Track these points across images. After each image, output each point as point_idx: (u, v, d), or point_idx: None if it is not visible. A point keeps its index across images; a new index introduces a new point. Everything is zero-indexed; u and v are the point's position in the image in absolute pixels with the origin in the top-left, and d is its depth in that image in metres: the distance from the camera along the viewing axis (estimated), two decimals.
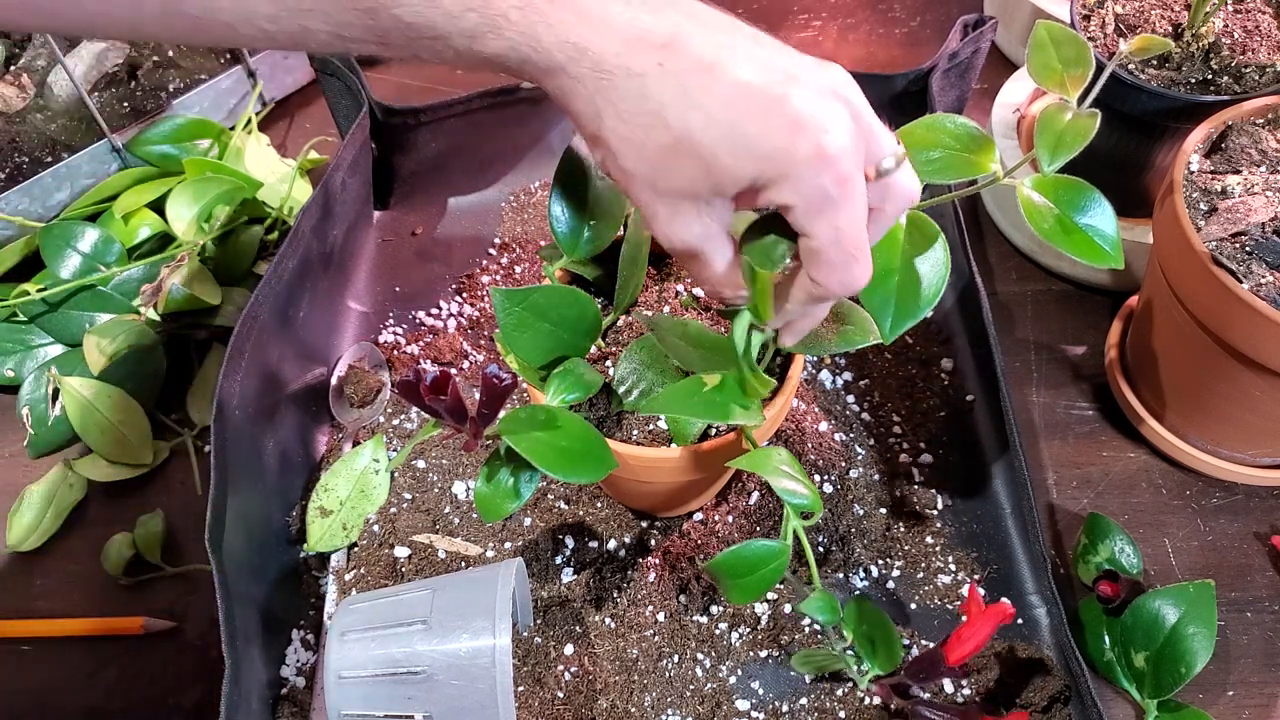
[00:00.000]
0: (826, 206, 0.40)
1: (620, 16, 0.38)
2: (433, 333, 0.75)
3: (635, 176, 0.41)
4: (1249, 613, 0.61)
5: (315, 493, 0.65)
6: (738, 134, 0.38)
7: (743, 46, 0.39)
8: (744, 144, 0.38)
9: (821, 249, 0.41)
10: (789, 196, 0.39)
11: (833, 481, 0.65)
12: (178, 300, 0.72)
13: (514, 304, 0.48)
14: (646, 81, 0.38)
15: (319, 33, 0.38)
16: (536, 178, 0.83)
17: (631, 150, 0.40)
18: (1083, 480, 0.67)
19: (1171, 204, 0.57)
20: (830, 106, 0.39)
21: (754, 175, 0.39)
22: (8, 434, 0.71)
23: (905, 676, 0.51)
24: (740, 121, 0.38)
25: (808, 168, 0.38)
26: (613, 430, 0.53)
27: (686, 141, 0.38)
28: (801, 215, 0.40)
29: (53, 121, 0.79)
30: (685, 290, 0.57)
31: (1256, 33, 0.65)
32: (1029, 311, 0.75)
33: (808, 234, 0.41)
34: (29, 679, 0.62)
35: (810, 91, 0.39)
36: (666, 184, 0.40)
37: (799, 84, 0.39)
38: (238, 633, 0.54)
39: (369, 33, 0.38)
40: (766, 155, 0.38)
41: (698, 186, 0.40)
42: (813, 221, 0.40)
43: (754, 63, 0.39)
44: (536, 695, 0.58)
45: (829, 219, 0.40)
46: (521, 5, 0.37)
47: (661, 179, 0.40)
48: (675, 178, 0.40)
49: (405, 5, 0.37)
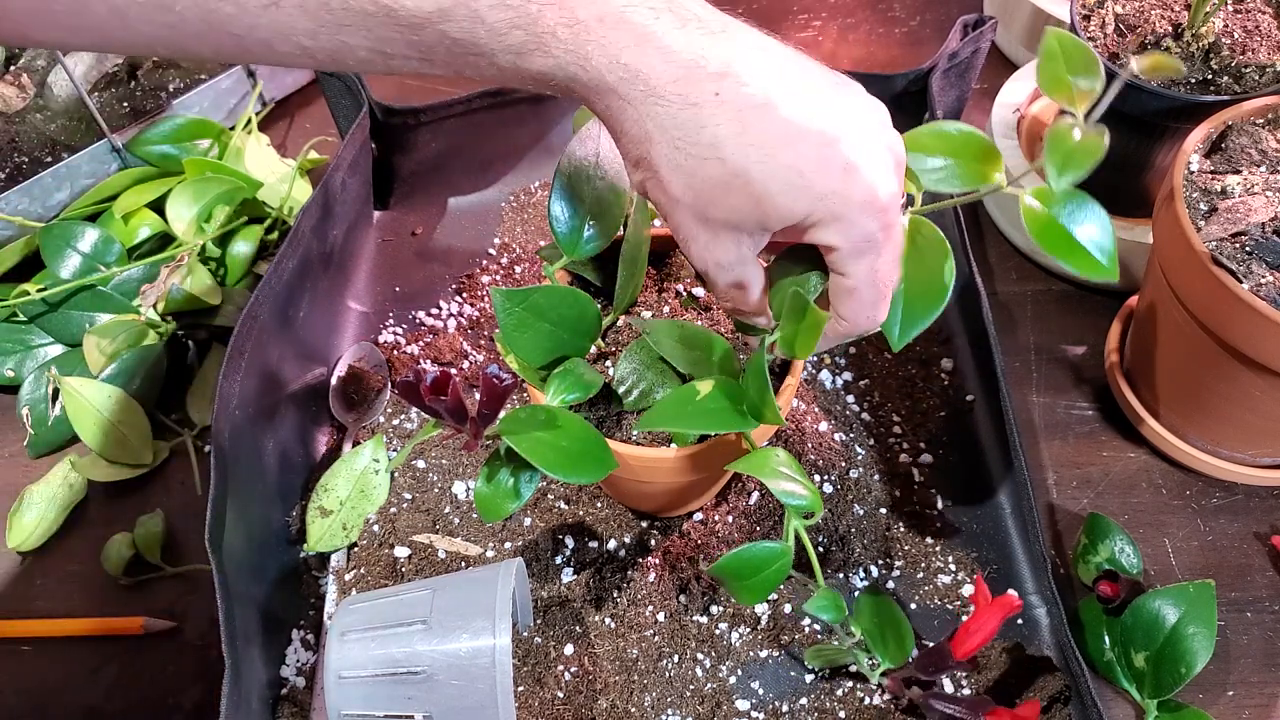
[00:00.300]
0: (869, 250, 0.40)
1: (678, 41, 0.38)
2: (433, 333, 0.75)
3: (680, 203, 0.41)
4: (1249, 613, 0.61)
5: (315, 493, 0.65)
6: (794, 175, 0.38)
7: (795, 79, 0.39)
8: (800, 185, 0.39)
9: (857, 288, 0.42)
10: (835, 239, 0.40)
11: (833, 481, 0.65)
12: (178, 300, 0.72)
13: (514, 304, 0.48)
14: (702, 112, 0.38)
15: (358, 49, 0.37)
16: (536, 178, 0.83)
17: (681, 178, 0.40)
18: (1083, 480, 0.67)
19: (1171, 204, 0.57)
20: (882, 153, 0.40)
21: (805, 215, 0.39)
22: (8, 434, 0.71)
23: (915, 670, 0.51)
24: (797, 163, 0.38)
25: (860, 213, 0.39)
26: (613, 430, 0.53)
27: (742, 177, 0.39)
28: (844, 256, 0.41)
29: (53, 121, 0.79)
30: (685, 290, 0.58)
31: (1256, 33, 0.65)
32: (1029, 311, 0.75)
33: (845, 274, 0.42)
34: (29, 679, 0.62)
35: (863, 137, 0.40)
36: (713, 214, 0.41)
37: (853, 128, 0.39)
38: (238, 633, 0.54)
39: (412, 48, 0.37)
40: (820, 198, 0.39)
41: (745, 220, 0.40)
42: (854, 263, 0.41)
43: (809, 100, 0.39)
44: (536, 695, 0.58)
45: (869, 261, 0.41)
46: (571, 24, 0.37)
47: (709, 209, 0.40)
48: (723, 210, 0.40)
49: (451, 21, 0.36)
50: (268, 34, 0.37)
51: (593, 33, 0.37)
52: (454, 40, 0.37)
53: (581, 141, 0.53)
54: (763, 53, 0.39)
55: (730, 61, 0.38)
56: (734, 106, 0.38)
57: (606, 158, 0.53)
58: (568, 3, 0.37)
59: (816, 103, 0.39)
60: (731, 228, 0.41)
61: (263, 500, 0.62)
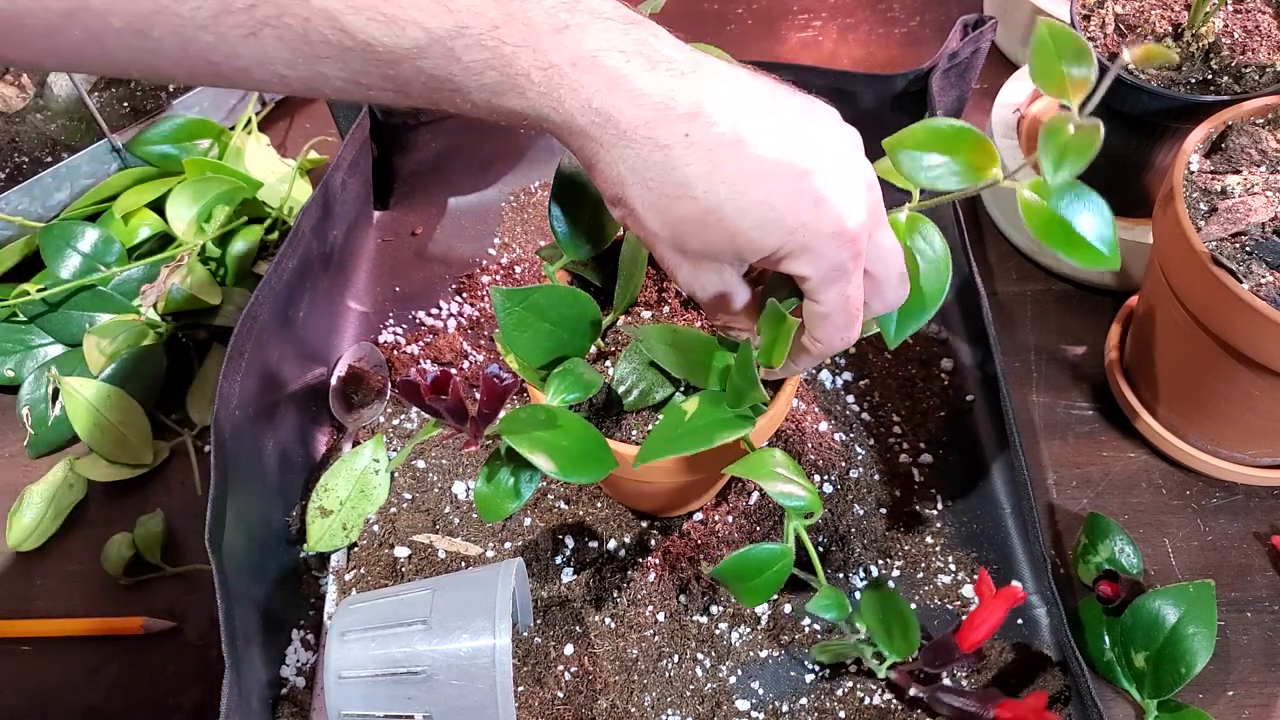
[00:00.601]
0: (840, 278, 0.41)
1: (648, 84, 0.38)
2: (433, 333, 0.75)
3: (659, 238, 0.42)
4: (1249, 613, 0.61)
5: (315, 493, 0.65)
6: (765, 210, 0.39)
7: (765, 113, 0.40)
8: (771, 219, 0.39)
9: (830, 314, 0.43)
10: (806, 269, 0.41)
11: (833, 481, 0.65)
12: (178, 300, 0.72)
13: (514, 304, 0.48)
14: (672, 153, 0.39)
15: (335, 79, 0.38)
16: (536, 178, 0.83)
17: (655, 216, 0.41)
18: (1083, 480, 0.67)
19: (1171, 204, 0.57)
20: (851, 184, 0.41)
21: (776, 247, 0.40)
22: (8, 434, 0.71)
23: (921, 664, 0.51)
24: (768, 199, 0.39)
25: (829, 244, 0.40)
26: (612, 430, 0.53)
27: (714, 214, 0.39)
28: (815, 285, 0.42)
29: (53, 121, 0.79)
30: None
31: (1256, 33, 0.65)
32: (1029, 311, 0.75)
33: (818, 301, 0.43)
34: (29, 679, 0.62)
35: (834, 167, 0.40)
36: (690, 246, 0.42)
37: (824, 159, 0.40)
38: (238, 633, 0.54)
39: (388, 82, 0.38)
40: (791, 231, 0.40)
41: (720, 253, 0.42)
42: (825, 291, 0.42)
43: (779, 134, 0.40)
44: (536, 695, 0.58)
45: (840, 288, 0.42)
46: (545, 67, 0.37)
47: (685, 243, 0.41)
48: (699, 243, 0.41)
49: (427, 58, 0.37)
50: (246, 63, 0.37)
51: (566, 77, 0.38)
52: (429, 76, 0.38)
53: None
54: (733, 88, 0.40)
55: (700, 101, 0.39)
56: (704, 146, 0.39)
57: None
58: (541, 46, 0.37)
59: (787, 136, 0.40)
60: (710, 259, 0.42)
61: (263, 500, 0.62)
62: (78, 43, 0.36)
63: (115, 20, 0.35)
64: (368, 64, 0.37)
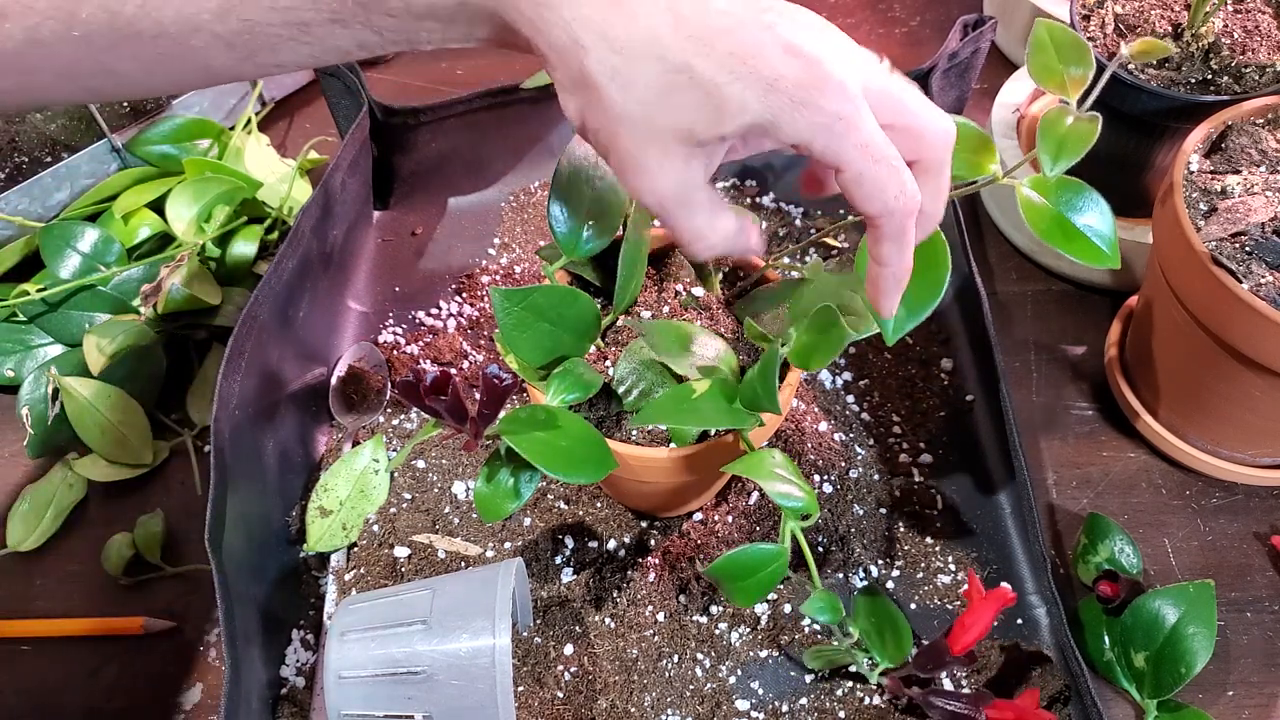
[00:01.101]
0: (848, 130, 0.37)
1: None
2: (433, 333, 0.75)
3: (624, 119, 0.37)
4: (1249, 613, 0.61)
5: (315, 493, 0.65)
6: (736, 62, 0.36)
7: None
8: (745, 71, 0.36)
9: (861, 171, 0.38)
10: (804, 132, 0.37)
11: (833, 481, 0.65)
12: (178, 300, 0.72)
13: (514, 304, 0.48)
14: (632, 6, 0.36)
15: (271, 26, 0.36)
16: (536, 178, 0.83)
17: (619, 87, 0.37)
18: (1083, 480, 0.67)
19: (1171, 204, 0.57)
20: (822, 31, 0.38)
21: (759, 111, 0.37)
22: (8, 434, 0.71)
23: (913, 669, 0.51)
24: (739, 50, 0.36)
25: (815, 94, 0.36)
26: (612, 430, 0.53)
27: (685, 72, 0.36)
28: (824, 146, 0.37)
29: (52, 121, 0.79)
30: (685, 290, 0.57)
31: (1256, 33, 0.65)
32: (1029, 311, 0.75)
33: (840, 165, 0.38)
34: (29, 679, 0.62)
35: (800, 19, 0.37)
36: (663, 121, 0.37)
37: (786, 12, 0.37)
38: (238, 633, 0.54)
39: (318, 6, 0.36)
40: (769, 85, 0.36)
41: (696, 121, 0.37)
42: (840, 149, 0.38)
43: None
44: (536, 695, 0.58)
45: (851, 139, 0.37)
46: None
47: (658, 116, 0.37)
48: (673, 113, 0.37)
49: None
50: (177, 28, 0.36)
51: None
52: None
53: (581, 141, 0.53)
54: None
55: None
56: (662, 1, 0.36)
57: None
58: None
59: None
60: (682, 138, 0.38)
61: (263, 500, 0.62)
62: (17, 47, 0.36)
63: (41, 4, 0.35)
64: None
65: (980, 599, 0.49)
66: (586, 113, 0.39)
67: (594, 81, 0.37)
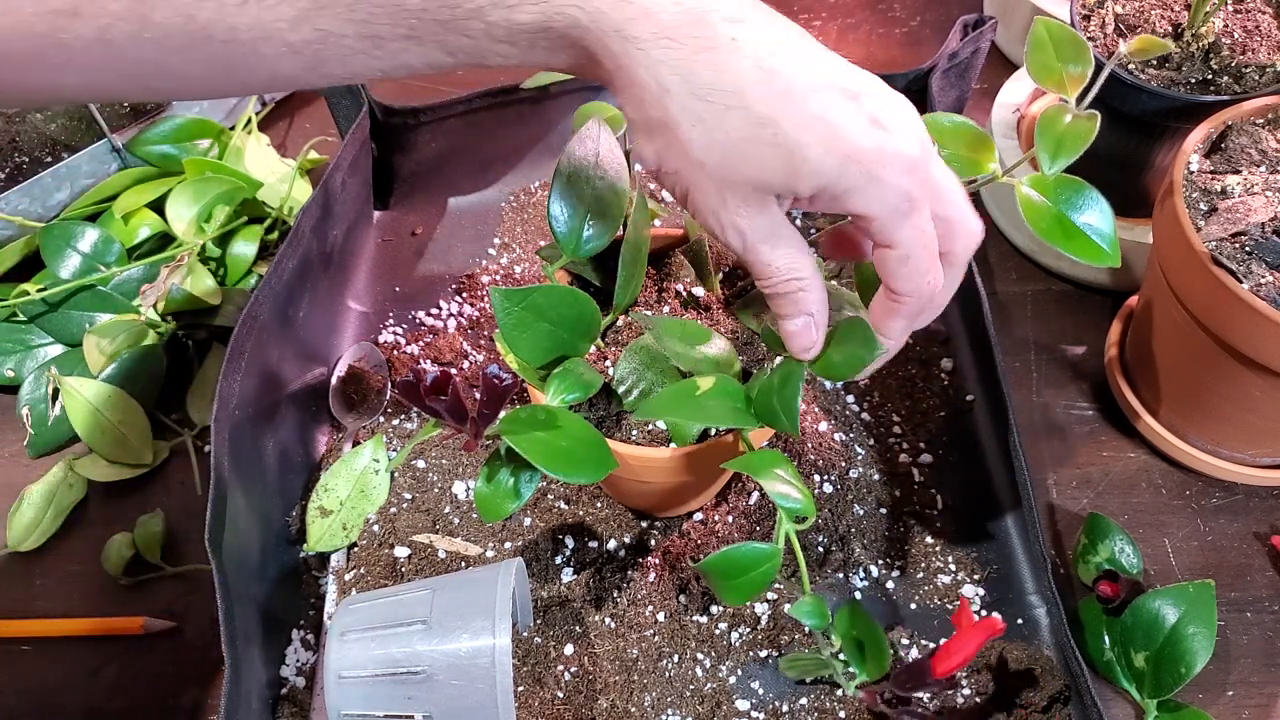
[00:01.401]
0: (911, 211, 0.38)
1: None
2: (433, 333, 0.75)
3: (703, 167, 0.38)
4: (1249, 613, 0.61)
5: (315, 493, 0.65)
6: (823, 126, 0.36)
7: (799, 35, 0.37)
8: (830, 136, 0.36)
9: (909, 254, 0.39)
10: (873, 205, 0.38)
11: (833, 481, 0.65)
12: (178, 300, 0.72)
13: (514, 304, 0.48)
14: (720, 55, 0.35)
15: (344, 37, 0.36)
16: (536, 178, 0.83)
17: (703, 134, 0.37)
18: (1083, 480, 0.67)
19: (1171, 204, 0.57)
20: (902, 109, 0.38)
21: (836, 175, 0.37)
22: (8, 434, 0.71)
23: (892, 685, 0.51)
24: (825, 114, 0.36)
25: (892, 172, 0.37)
26: (612, 430, 0.53)
27: (770, 127, 0.36)
28: (885, 223, 0.38)
29: (53, 121, 0.79)
30: (685, 290, 0.58)
31: (1256, 33, 0.65)
32: (1029, 311, 0.75)
33: (893, 244, 0.39)
34: (29, 679, 0.62)
35: (882, 93, 0.38)
36: (739, 173, 0.37)
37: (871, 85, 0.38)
38: (238, 633, 0.54)
39: (398, 23, 0.36)
40: (849, 155, 0.36)
41: (773, 177, 0.37)
42: (898, 228, 0.38)
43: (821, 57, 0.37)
44: (536, 695, 0.58)
45: (913, 222, 0.38)
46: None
47: (735, 168, 0.37)
48: (751, 166, 0.37)
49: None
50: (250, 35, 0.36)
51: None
52: (440, 2, 0.35)
53: (581, 141, 0.53)
54: (767, 13, 0.37)
55: (740, 10, 0.36)
56: (754, 52, 0.36)
57: (606, 158, 0.53)
58: None
59: (830, 60, 0.37)
60: (759, 189, 0.38)
61: (263, 500, 0.62)
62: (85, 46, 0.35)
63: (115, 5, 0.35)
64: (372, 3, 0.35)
65: (969, 626, 0.49)
66: (664, 155, 0.39)
67: (675, 125, 0.37)
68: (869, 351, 0.42)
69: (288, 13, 0.35)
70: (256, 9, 0.35)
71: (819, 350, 0.45)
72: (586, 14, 0.36)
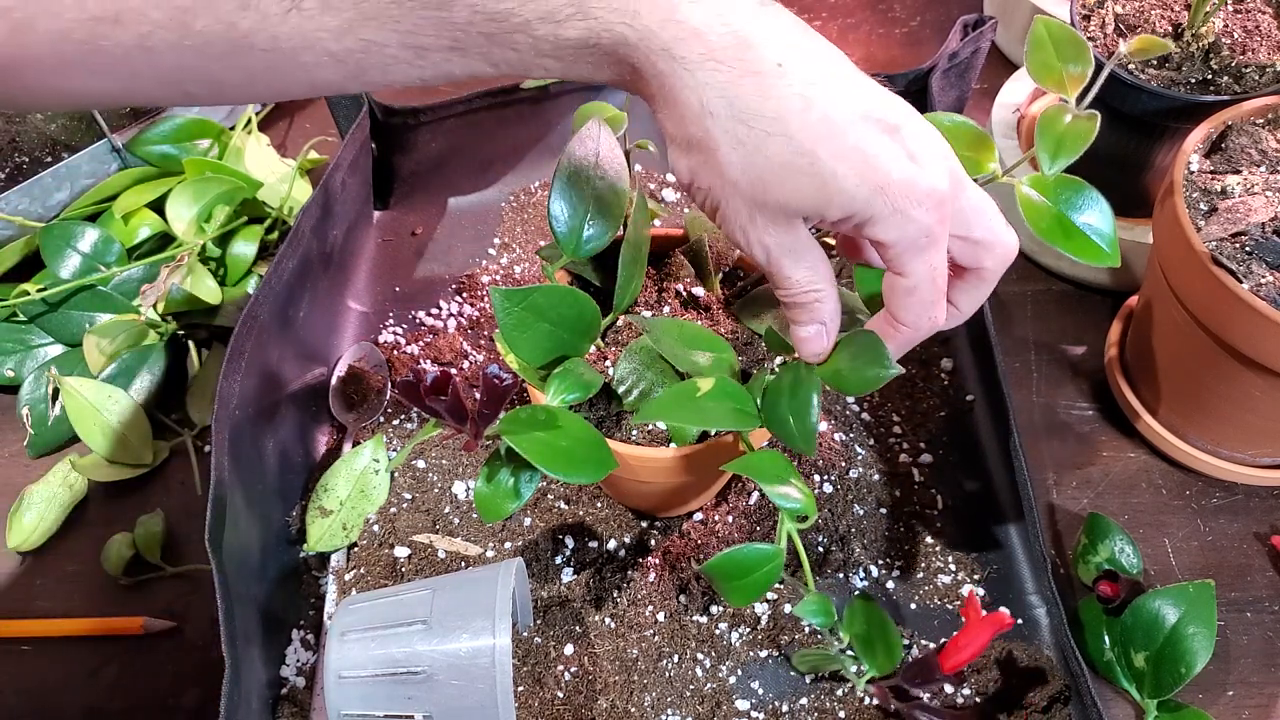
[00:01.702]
0: (928, 246, 0.39)
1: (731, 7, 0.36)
2: (433, 333, 0.75)
3: (737, 187, 0.38)
4: (1249, 613, 0.61)
5: (315, 493, 0.65)
6: (858, 158, 0.37)
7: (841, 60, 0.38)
8: (865, 169, 0.37)
9: (915, 287, 0.40)
10: (893, 234, 0.38)
11: (833, 481, 0.65)
12: (178, 300, 0.72)
13: (514, 304, 0.48)
14: (765, 81, 0.36)
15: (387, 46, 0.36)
16: (536, 178, 0.83)
17: (742, 157, 0.37)
18: (1083, 480, 0.67)
19: (1171, 204, 0.57)
20: (936, 145, 0.39)
21: (865, 204, 0.37)
22: (8, 434, 0.71)
23: (901, 680, 0.51)
24: (862, 146, 0.37)
25: (918, 206, 0.38)
26: (612, 430, 0.53)
27: (807, 157, 0.36)
28: (900, 253, 0.39)
29: (53, 121, 0.79)
30: (685, 290, 0.58)
31: (1256, 33, 0.65)
32: (1029, 311, 0.75)
33: (904, 273, 0.40)
34: (29, 679, 0.62)
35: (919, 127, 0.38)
36: (772, 198, 0.38)
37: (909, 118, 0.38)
38: (238, 633, 0.54)
39: (442, 34, 0.36)
40: (880, 187, 0.37)
41: (804, 204, 0.38)
42: (912, 260, 0.39)
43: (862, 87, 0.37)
44: (536, 695, 0.58)
45: (927, 257, 0.39)
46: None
47: (769, 192, 0.38)
48: (784, 193, 0.38)
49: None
50: (292, 43, 0.36)
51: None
52: (486, 16, 0.35)
53: (581, 141, 0.53)
54: (813, 38, 0.38)
55: (788, 34, 0.36)
56: (799, 79, 0.36)
57: (606, 158, 0.53)
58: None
59: (870, 90, 0.38)
60: (789, 212, 0.39)
61: (263, 500, 0.62)
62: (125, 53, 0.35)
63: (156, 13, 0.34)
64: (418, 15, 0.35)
65: (977, 620, 0.49)
66: (698, 172, 0.39)
67: (715, 146, 0.37)
68: (881, 370, 0.42)
69: (331, 22, 0.35)
70: (299, 18, 0.35)
71: (827, 355, 0.46)
72: (635, 32, 0.36)
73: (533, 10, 0.35)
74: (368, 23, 0.35)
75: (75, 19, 0.34)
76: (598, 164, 0.53)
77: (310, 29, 0.35)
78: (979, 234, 0.42)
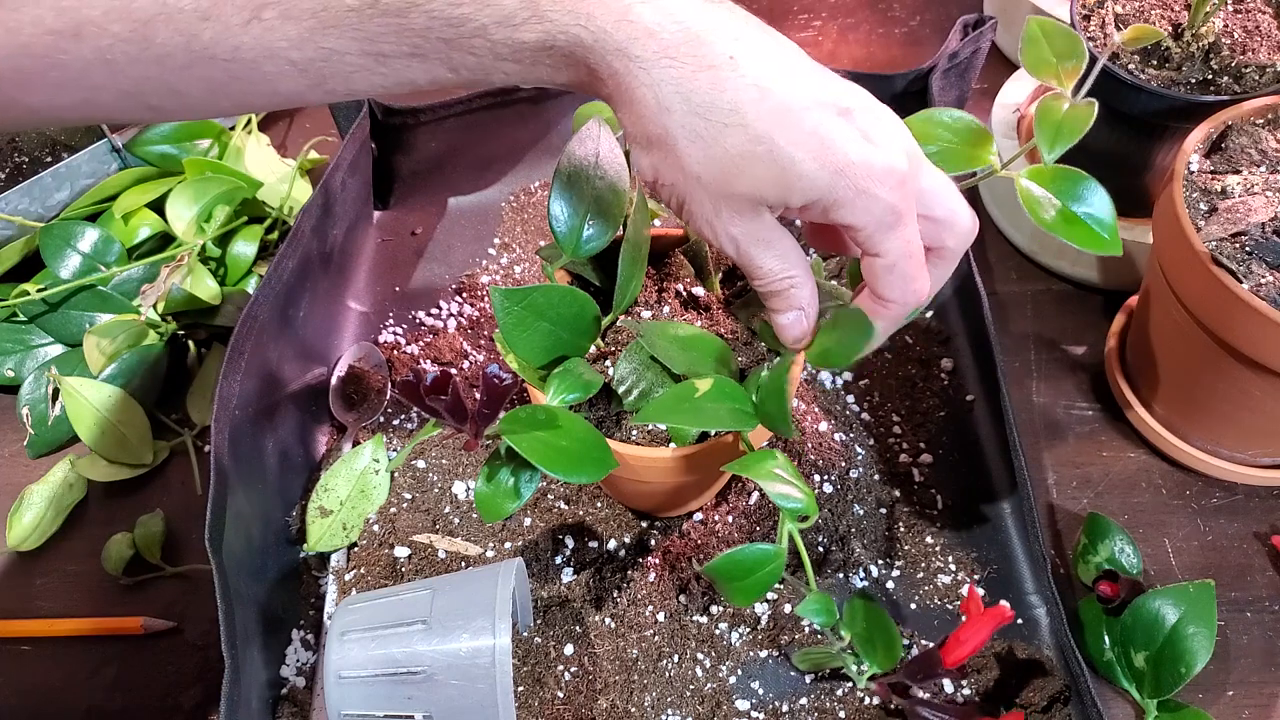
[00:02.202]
0: (897, 223, 0.39)
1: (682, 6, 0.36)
2: (433, 333, 0.75)
3: (699, 180, 0.39)
4: (1249, 613, 0.61)
5: (315, 493, 0.65)
6: (815, 142, 0.37)
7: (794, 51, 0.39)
8: (823, 152, 0.37)
9: (894, 263, 0.40)
10: (861, 216, 0.39)
11: (833, 481, 0.65)
12: (178, 300, 0.72)
13: (514, 304, 0.48)
14: (720, 74, 0.36)
15: (348, 54, 0.36)
16: (536, 178, 0.83)
17: (701, 150, 0.38)
18: (1083, 480, 0.67)
19: (1171, 204, 0.57)
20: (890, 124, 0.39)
21: (826, 189, 0.38)
22: (8, 434, 0.72)
23: (903, 677, 0.51)
24: (818, 130, 0.37)
25: (881, 185, 0.38)
26: (612, 430, 0.53)
27: (765, 144, 0.37)
28: (872, 234, 0.39)
29: None
30: (685, 290, 0.58)
31: (1256, 33, 0.65)
32: (1029, 311, 0.75)
33: (879, 253, 0.40)
34: (29, 679, 0.62)
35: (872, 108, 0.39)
36: (734, 188, 0.39)
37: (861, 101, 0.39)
38: (238, 633, 0.54)
39: (402, 40, 0.36)
40: (840, 169, 0.38)
41: (767, 192, 0.39)
42: (884, 239, 0.40)
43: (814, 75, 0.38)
44: (536, 695, 0.58)
45: (899, 234, 0.40)
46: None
47: (731, 183, 0.38)
48: (746, 182, 0.38)
49: None
50: (253, 53, 0.36)
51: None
52: (444, 21, 0.36)
53: (581, 141, 0.53)
54: (763, 31, 0.39)
55: (739, 28, 0.37)
56: (752, 72, 0.37)
57: (606, 158, 0.53)
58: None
59: (823, 77, 0.38)
60: (752, 201, 0.39)
61: (263, 500, 0.62)
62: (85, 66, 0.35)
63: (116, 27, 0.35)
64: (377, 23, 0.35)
65: (978, 614, 0.49)
66: (660, 169, 0.40)
67: (673, 141, 0.38)
68: (863, 338, 0.43)
69: (292, 31, 0.36)
70: (260, 28, 0.36)
71: (809, 340, 0.46)
72: (590, 33, 0.36)
73: (489, 15, 0.36)
74: (328, 31, 0.36)
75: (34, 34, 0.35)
76: (598, 164, 0.53)
77: (271, 39, 0.36)
78: (940, 213, 0.42)
